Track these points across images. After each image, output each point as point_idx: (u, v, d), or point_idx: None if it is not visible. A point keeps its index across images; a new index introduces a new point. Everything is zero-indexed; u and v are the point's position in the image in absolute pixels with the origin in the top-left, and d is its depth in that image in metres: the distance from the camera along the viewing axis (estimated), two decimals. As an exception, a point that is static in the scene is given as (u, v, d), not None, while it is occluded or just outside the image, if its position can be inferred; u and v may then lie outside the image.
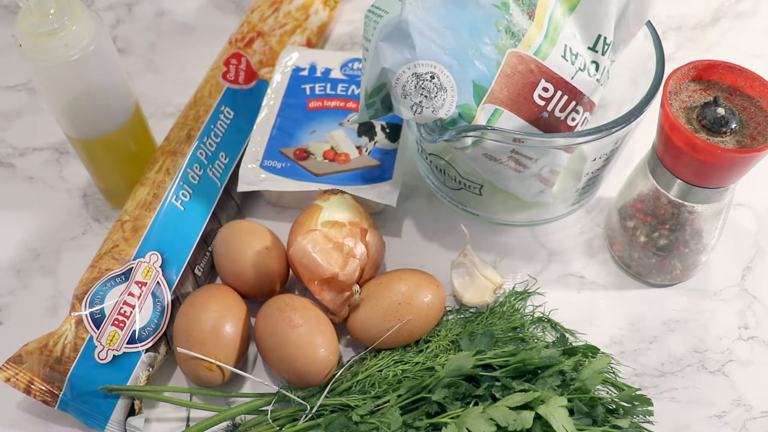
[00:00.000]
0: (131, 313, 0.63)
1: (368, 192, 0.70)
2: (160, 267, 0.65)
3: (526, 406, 0.57)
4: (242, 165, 0.72)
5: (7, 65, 0.90)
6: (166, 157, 0.71)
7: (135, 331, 0.63)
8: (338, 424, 0.59)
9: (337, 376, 0.62)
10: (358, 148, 0.73)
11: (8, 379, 0.61)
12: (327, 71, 0.78)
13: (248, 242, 0.66)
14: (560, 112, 0.63)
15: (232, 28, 0.88)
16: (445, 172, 0.69)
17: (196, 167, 0.71)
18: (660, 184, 0.63)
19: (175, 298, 0.65)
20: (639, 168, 0.67)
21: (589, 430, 0.58)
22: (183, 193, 0.69)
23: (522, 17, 0.60)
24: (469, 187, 0.68)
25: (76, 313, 0.63)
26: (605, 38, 0.64)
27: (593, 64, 0.64)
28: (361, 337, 0.64)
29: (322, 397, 0.61)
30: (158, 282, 0.65)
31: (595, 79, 0.64)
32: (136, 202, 0.69)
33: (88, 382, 0.61)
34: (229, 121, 0.75)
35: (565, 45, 0.62)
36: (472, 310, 0.68)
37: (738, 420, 0.63)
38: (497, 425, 0.56)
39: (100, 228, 0.76)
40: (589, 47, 0.64)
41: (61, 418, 0.63)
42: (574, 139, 0.61)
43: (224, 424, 0.62)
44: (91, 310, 0.63)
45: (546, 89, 0.61)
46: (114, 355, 0.61)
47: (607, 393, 0.63)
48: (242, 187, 0.71)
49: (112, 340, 0.62)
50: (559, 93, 0.62)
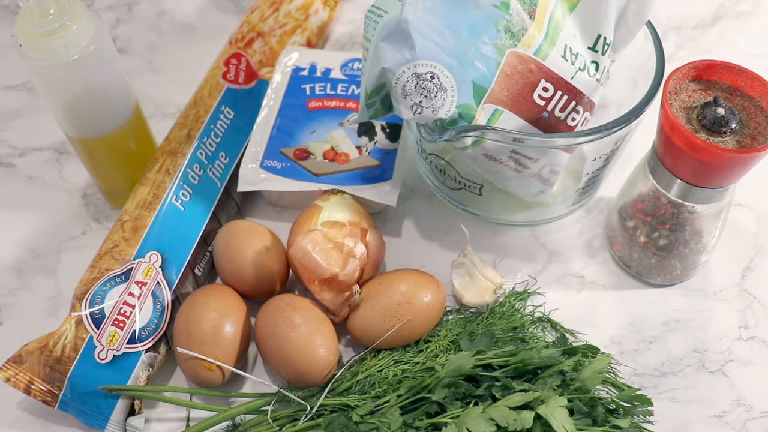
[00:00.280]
0: (131, 313, 0.63)
1: (368, 192, 0.70)
2: (160, 267, 0.65)
3: (526, 406, 0.57)
4: (242, 165, 0.72)
5: (7, 65, 0.90)
6: (166, 157, 0.71)
7: (135, 331, 0.63)
8: (338, 424, 0.59)
9: (337, 376, 0.62)
10: (358, 148, 0.73)
11: (8, 379, 0.61)
12: (327, 71, 0.78)
13: (248, 242, 0.66)
14: (560, 112, 0.63)
15: (232, 28, 0.88)
16: (445, 172, 0.69)
17: (196, 167, 0.71)
18: (660, 184, 0.63)
19: (175, 298, 0.65)
20: (639, 168, 0.67)
21: (589, 430, 0.58)
22: (183, 193, 0.69)
23: (523, 17, 0.60)
24: (469, 187, 0.68)
25: (76, 313, 0.63)
26: (605, 38, 0.64)
27: (593, 64, 0.64)
28: (361, 337, 0.64)
29: (322, 397, 0.61)
30: (158, 282, 0.65)
31: (595, 79, 0.64)
32: (136, 202, 0.69)
33: (88, 382, 0.61)
34: (229, 121, 0.75)
35: (565, 45, 0.62)
36: (472, 310, 0.68)
37: (738, 420, 0.63)
38: (497, 425, 0.56)
39: (100, 228, 0.76)
40: (589, 47, 0.64)
41: (61, 418, 0.63)
42: (574, 139, 0.61)
43: (224, 424, 0.62)
44: (91, 310, 0.63)
45: (546, 89, 0.61)
46: (114, 355, 0.61)
47: (607, 393, 0.63)
48: (242, 187, 0.71)
49: (112, 340, 0.62)
50: (559, 93, 0.62)
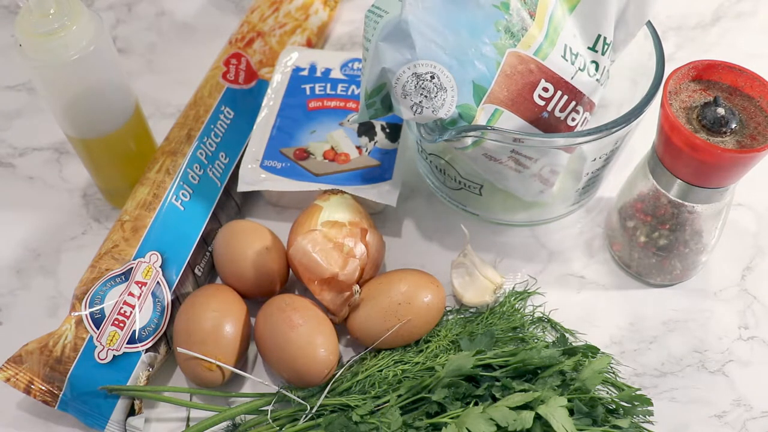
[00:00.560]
0: (131, 313, 0.63)
1: (368, 192, 0.70)
2: (160, 267, 0.65)
3: (526, 406, 0.57)
4: (242, 165, 0.72)
5: (7, 65, 0.90)
6: (166, 157, 0.71)
7: (135, 331, 0.63)
8: (338, 424, 0.59)
9: (337, 376, 0.62)
10: (358, 148, 0.73)
11: (8, 379, 0.61)
12: (327, 71, 0.78)
13: (248, 242, 0.66)
14: (560, 112, 0.63)
15: (232, 28, 0.88)
16: (445, 172, 0.69)
17: (196, 167, 0.71)
18: (660, 184, 0.63)
19: (175, 298, 0.65)
20: (639, 168, 0.67)
21: (589, 430, 0.58)
22: (183, 193, 0.69)
23: (523, 16, 0.60)
24: (469, 187, 0.68)
25: (76, 313, 0.63)
26: (605, 38, 0.64)
27: (593, 64, 0.64)
28: (361, 337, 0.64)
29: (322, 397, 0.61)
30: (158, 282, 0.65)
31: (595, 79, 0.64)
32: (136, 202, 0.69)
33: (88, 382, 0.61)
34: (229, 121, 0.75)
35: (565, 45, 0.62)
36: (472, 310, 0.68)
37: (738, 420, 0.63)
38: (497, 425, 0.56)
39: (100, 228, 0.76)
40: (589, 47, 0.64)
41: (61, 418, 0.63)
42: (574, 139, 0.61)
43: (224, 424, 0.62)
44: (91, 310, 0.63)
45: (546, 89, 0.61)
46: (114, 355, 0.62)
47: (607, 393, 0.63)
48: (242, 187, 0.71)
49: (112, 340, 0.62)
50: (559, 93, 0.62)
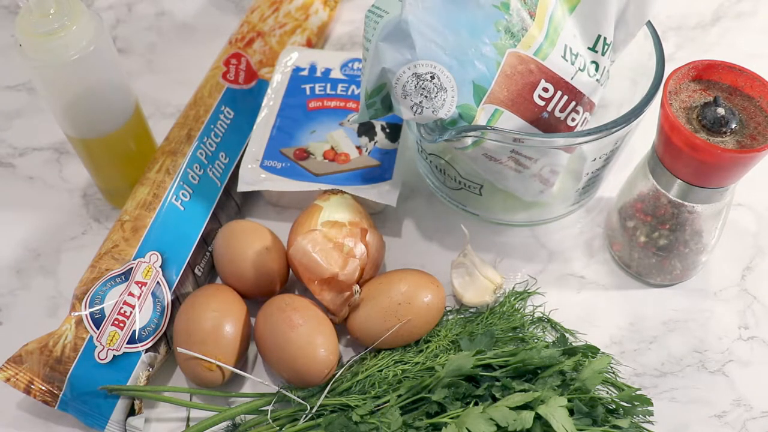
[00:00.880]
0: (131, 313, 0.63)
1: (368, 192, 0.70)
2: (160, 267, 0.65)
3: (526, 406, 0.57)
4: (242, 165, 0.72)
5: (7, 65, 0.90)
6: (166, 157, 0.71)
7: (135, 331, 0.63)
8: (338, 424, 0.59)
9: (337, 376, 0.62)
10: (358, 148, 0.73)
11: (8, 379, 0.61)
12: (327, 71, 0.78)
13: (248, 242, 0.66)
14: (560, 112, 0.63)
15: (232, 28, 0.88)
16: (445, 172, 0.69)
17: (196, 167, 0.71)
18: (660, 184, 0.63)
19: (175, 298, 0.65)
20: (639, 168, 0.67)
21: (589, 430, 0.58)
22: (183, 193, 0.69)
23: (523, 17, 0.60)
24: (469, 187, 0.68)
25: (76, 313, 0.63)
26: (605, 38, 0.64)
27: (593, 65, 0.64)
28: (361, 337, 0.64)
29: (322, 397, 0.61)
30: (158, 282, 0.65)
31: (595, 80, 0.64)
32: (136, 202, 0.69)
33: (88, 382, 0.61)
34: (229, 121, 0.75)
35: (565, 45, 0.62)
36: (472, 310, 0.68)
37: (738, 420, 0.63)
38: (497, 425, 0.56)
39: (100, 228, 0.76)
40: (589, 47, 0.64)
41: (61, 418, 0.63)
42: (574, 139, 0.61)
43: (224, 424, 0.62)
44: (91, 310, 0.63)
45: (546, 89, 0.61)
46: (114, 355, 0.62)
47: (607, 393, 0.63)
48: (242, 187, 0.71)
49: (112, 340, 0.62)
50: (559, 93, 0.62)
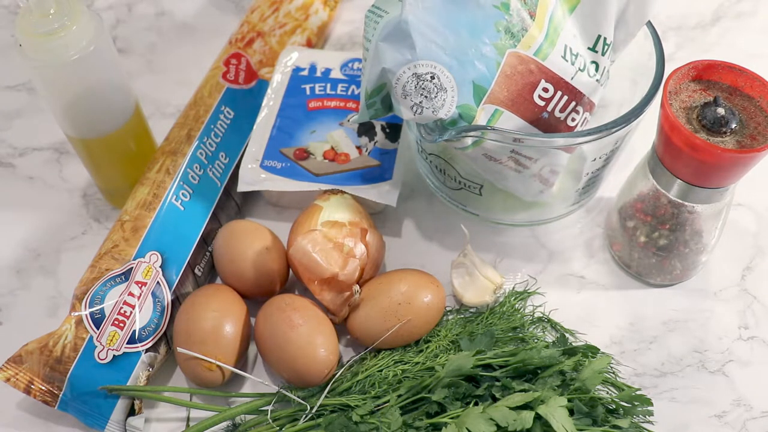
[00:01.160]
0: (131, 313, 0.63)
1: (368, 192, 0.70)
2: (160, 267, 0.65)
3: (526, 406, 0.57)
4: (242, 165, 0.72)
5: (7, 65, 0.90)
6: (166, 157, 0.71)
7: (135, 331, 0.63)
8: (338, 424, 0.59)
9: (337, 376, 0.62)
10: (358, 148, 0.73)
11: (8, 379, 0.61)
12: (327, 71, 0.78)
13: (248, 242, 0.66)
14: (560, 112, 0.63)
15: (232, 28, 0.88)
16: (445, 172, 0.69)
17: (196, 167, 0.71)
18: (660, 184, 0.63)
19: (175, 298, 0.65)
20: (639, 168, 0.67)
21: (589, 430, 0.58)
22: (183, 193, 0.69)
23: (523, 17, 0.60)
24: (469, 187, 0.68)
25: (76, 313, 0.63)
26: (605, 38, 0.64)
27: (593, 65, 0.64)
28: (361, 337, 0.64)
29: (322, 397, 0.61)
30: (158, 282, 0.65)
31: (595, 80, 0.64)
32: (136, 202, 0.69)
33: (88, 382, 0.61)
34: (229, 121, 0.75)
35: (565, 45, 0.62)
36: (472, 310, 0.68)
37: (738, 420, 0.63)
38: (497, 425, 0.56)
39: (100, 228, 0.76)
40: (589, 47, 0.64)
41: (61, 418, 0.63)
42: (574, 139, 0.61)
43: (224, 424, 0.62)
44: (91, 310, 0.63)
45: (546, 89, 0.61)
46: (114, 355, 0.62)
47: (607, 393, 0.63)
48: (242, 187, 0.71)
49: (112, 340, 0.62)
50: (559, 93, 0.62)
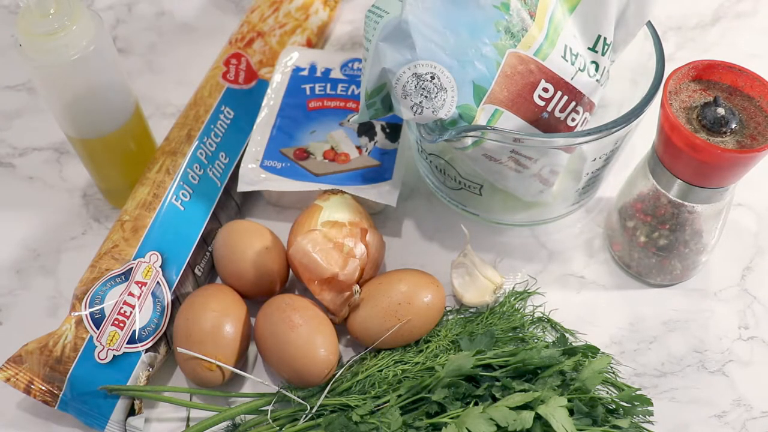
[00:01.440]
0: (131, 313, 0.63)
1: (368, 192, 0.70)
2: (160, 267, 0.65)
3: (526, 406, 0.57)
4: (242, 165, 0.72)
5: (7, 65, 0.90)
6: (166, 157, 0.71)
7: (135, 331, 0.63)
8: (338, 424, 0.59)
9: (337, 376, 0.62)
10: (358, 148, 0.73)
11: (8, 379, 0.61)
12: (327, 71, 0.78)
13: (248, 242, 0.66)
14: (560, 112, 0.63)
15: (232, 28, 0.88)
16: (445, 172, 0.69)
17: (196, 167, 0.71)
18: (660, 184, 0.63)
19: (175, 298, 0.65)
20: (639, 168, 0.67)
21: (589, 430, 0.58)
22: (183, 193, 0.69)
23: (523, 17, 0.60)
24: (469, 187, 0.68)
25: (76, 313, 0.63)
26: (605, 39, 0.64)
27: (593, 65, 0.64)
28: (361, 337, 0.64)
29: (322, 397, 0.61)
30: (158, 282, 0.65)
31: (595, 80, 0.64)
32: (136, 202, 0.69)
33: (88, 382, 0.61)
34: (229, 121, 0.75)
35: (565, 45, 0.62)
36: (472, 310, 0.68)
37: (738, 420, 0.63)
38: (497, 425, 0.56)
39: (100, 228, 0.76)
40: (589, 47, 0.64)
41: (61, 418, 0.63)
42: (574, 139, 0.61)
43: (224, 424, 0.62)
44: (91, 310, 0.63)
45: (546, 89, 0.61)
46: (114, 355, 0.62)
47: (607, 393, 0.63)
48: (242, 187, 0.71)
49: (112, 340, 0.62)
50: (559, 93, 0.62)
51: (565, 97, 0.62)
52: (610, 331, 0.68)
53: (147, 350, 0.63)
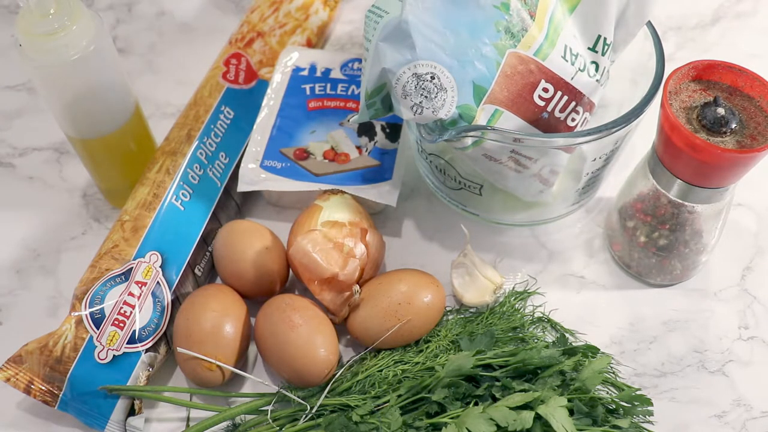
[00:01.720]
0: (131, 313, 0.63)
1: (368, 192, 0.70)
2: (160, 267, 0.65)
3: (526, 406, 0.57)
4: (242, 165, 0.72)
5: (7, 65, 0.90)
6: (166, 157, 0.71)
7: (135, 331, 0.63)
8: (338, 424, 0.59)
9: (337, 376, 0.62)
10: (358, 148, 0.73)
11: (8, 379, 0.61)
12: (327, 71, 0.78)
13: (248, 242, 0.66)
14: (560, 112, 0.63)
15: (232, 28, 0.88)
16: (445, 172, 0.69)
17: (196, 167, 0.71)
18: (660, 184, 0.63)
19: (175, 298, 0.65)
20: (639, 168, 0.67)
21: (589, 430, 0.58)
22: (183, 193, 0.69)
23: (523, 17, 0.60)
24: (469, 187, 0.68)
25: (76, 313, 0.63)
26: (605, 39, 0.64)
27: (593, 65, 0.64)
28: (361, 337, 0.64)
29: (322, 397, 0.61)
30: (158, 282, 0.65)
31: (595, 80, 0.64)
32: (136, 202, 0.69)
33: (88, 382, 0.61)
34: (229, 121, 0.75)
35: (566, 45, 0.62)
36: (472, 310, 0.68)
37: (738, 420, 0.63)
38: (497, 425, 0.56)
39: (100, 228, 0.76)
40: (589, 48, 0.64)
41: (61, 418, 0.63)
42: (574, 139, 0.61)
43: (224, 424, 0.62)
44: (91, 310, 0.63)
45: (546, 90, 0.61)
46: (114, 355, 0.62)
47: (607, 393, 0.63)
48: (242, 187, 0.71)
49: (112, 340, 0.62)
50: (559, 93, 0.62)
51: (565, 97, 0.62)
52: (610, 331, 0.68)
53: (147, 350, 0.63)
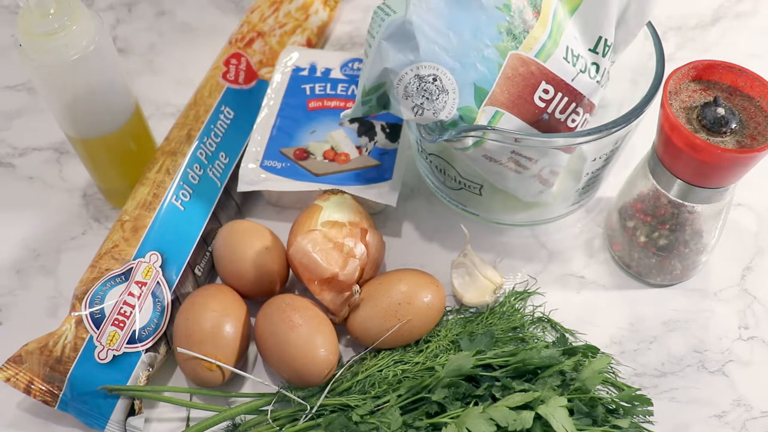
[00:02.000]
0: (131, 313, 0.63)
1: (368, 192, 0.70)
2: (160, 267, 0.65)
3: (526, 406, 0.57)
4: (242, 165, 0.72)
5: (7, 65, 0.90)
6: (166, 157, 0.71)
7: (135, 331, 0.63)
8: (338, 424, 0.59)
9: (337, 376, 0.62)
10: (358, 148, 0.73)
11: (8, 379, 0.61)
12: (327, 71, 0.78)
13: (248, 242, 0.66)
14: (560, 113, 0.63)
15: (232, 28, 0.88)
16: (445, 172, 0.69)
17: (196, 167, 0.71)
18: (660, 184, 0.63)
19: (175, 298, 0.65)
20: (639, 168, 0.67)
21: (589, 430, 0.58)
22: (183, 193, 0.69)
23: (525, 18, 0.60)
24: (469, 187, 0.68)
25: (76, 313, 0.63)
26: (606, 40, 0.63)
27: (594, 66, 0.64)
28: (361, 337, 0.64)
29: (322, 397, 0.61)
30: (158, 282, 0.65)
31: (596, 81, 0.64)
32: (136, 202, 0.69)
33: (88, 382, 0.61)
34: (229, 121, 0.75)
35: (567, 47, 0.62)
36: (472, 310, 0.68)
37: (738, 420, 0.63)
38: (497, 425, 0.56)
39: (100, 228, 0.76)
40: (589, 49, 0.64)
41: (61, 418, 0.63)
42: (574, 139, 0.61)
43: (224, 424, 0.62)
44: (91, 310, 0.63)
45: (546, 91, 0.61)
46: (114, 355, 0.62)
47: (607, 393, 0.63)
48: (242, 187, 0.71)
49: (112, 340, 0.62)
50: (560, 95, 0.62)
51: (566, 99, 0.62)
52: (610, 331, 0.68)
53: (147, 350, 0.63)
